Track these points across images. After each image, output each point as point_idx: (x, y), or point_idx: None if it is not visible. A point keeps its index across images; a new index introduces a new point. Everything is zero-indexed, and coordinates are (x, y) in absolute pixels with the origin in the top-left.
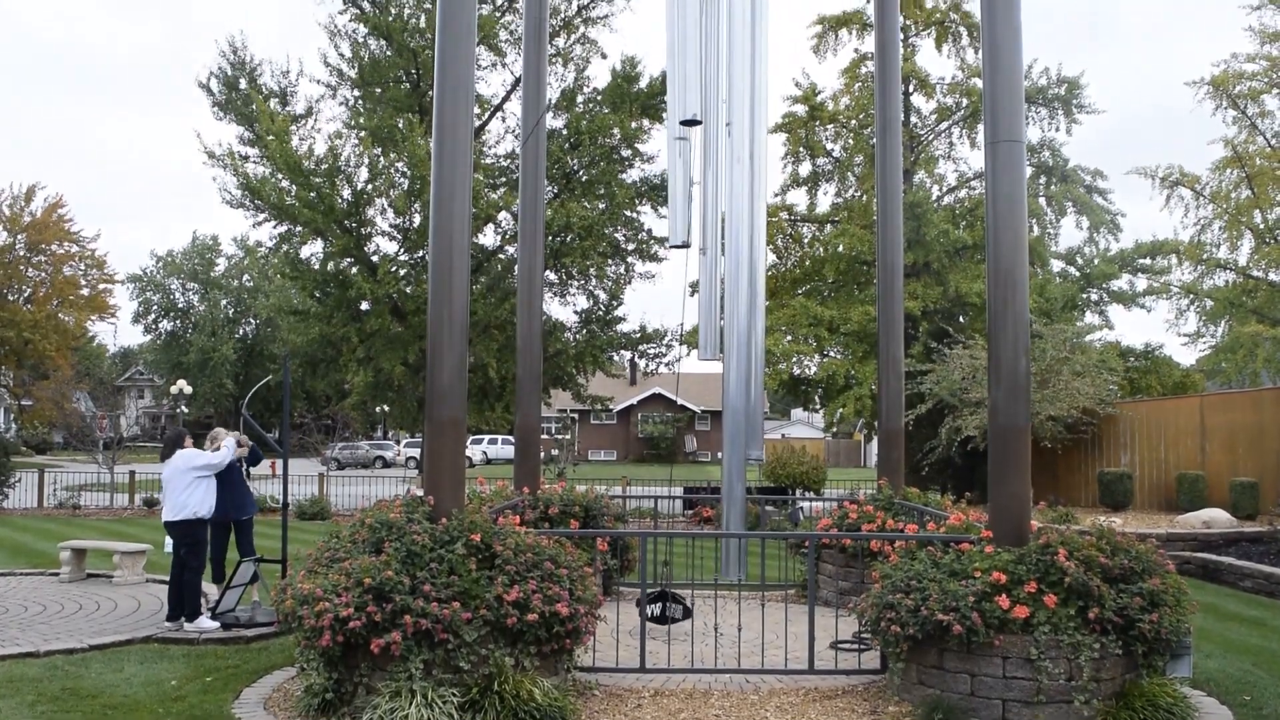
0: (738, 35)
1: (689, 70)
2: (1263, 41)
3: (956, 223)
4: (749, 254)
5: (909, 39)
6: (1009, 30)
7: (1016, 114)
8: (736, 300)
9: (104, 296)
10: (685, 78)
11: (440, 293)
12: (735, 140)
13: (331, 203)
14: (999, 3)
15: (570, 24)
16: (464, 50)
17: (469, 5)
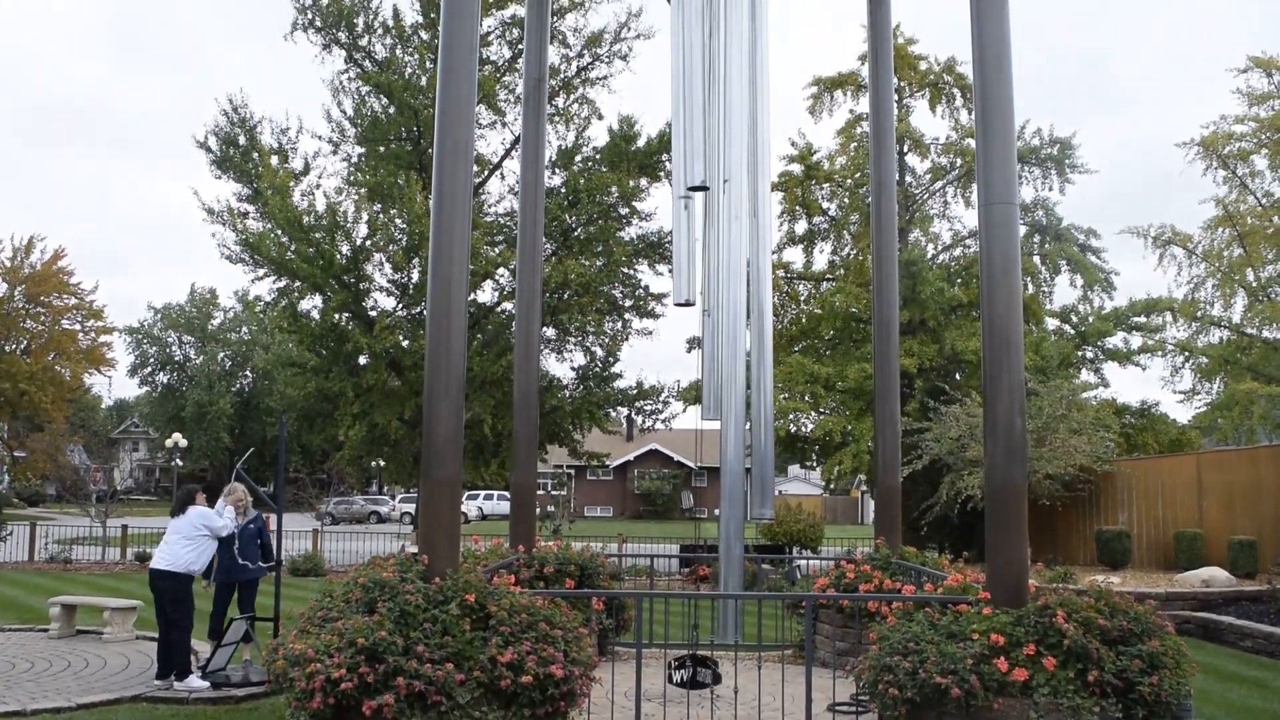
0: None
1: (695, 135)
2: (1250, 103)
3: (952, 281)
4: (757, 310)
5: (903, 100)
6: (1001, 95)
7: (1009, 177)
8: (736, 358)
9: (101, 349)
10: (691, 143)
11: (437, 349)
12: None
13: (330, 258)
14: (990, 68)
15: (569, 84)
16: (464, 112)
17: (469, 68)
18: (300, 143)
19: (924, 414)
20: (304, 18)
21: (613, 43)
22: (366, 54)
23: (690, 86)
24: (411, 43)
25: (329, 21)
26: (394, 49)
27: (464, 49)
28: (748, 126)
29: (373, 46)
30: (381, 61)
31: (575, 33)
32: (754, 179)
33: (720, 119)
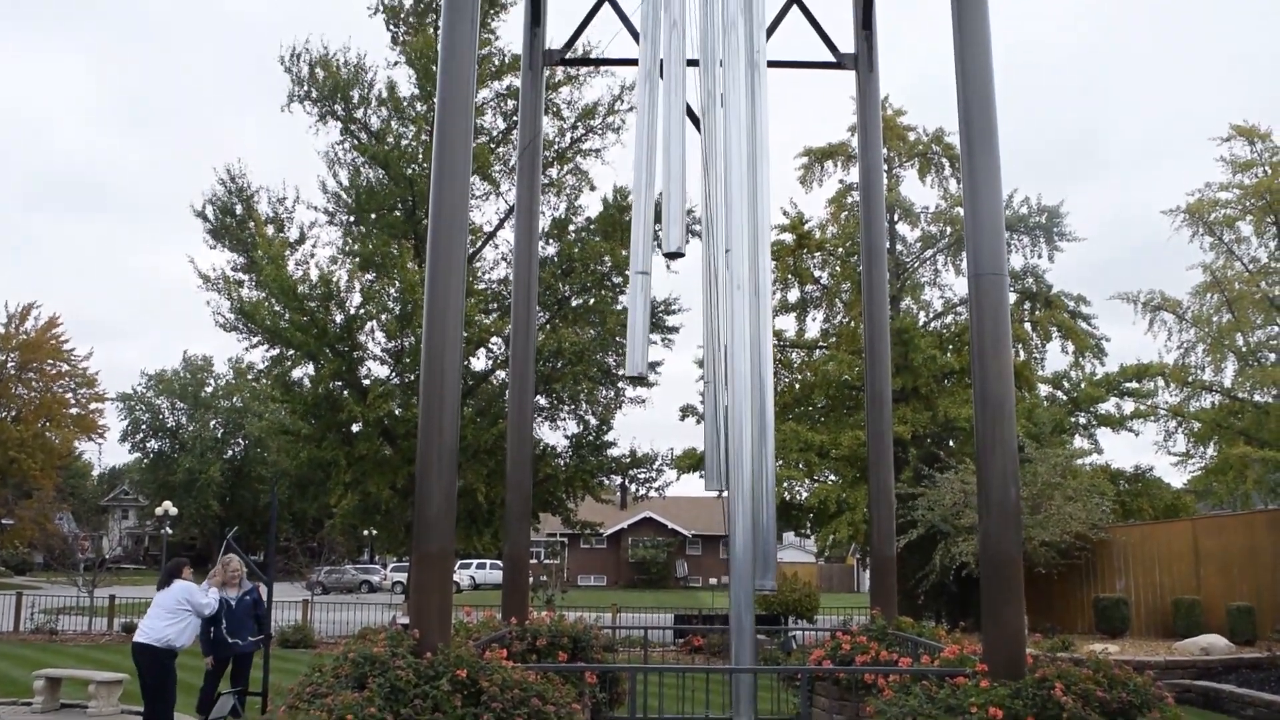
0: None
1: (675, 202)
2: (1234, 171)
3: (944, 348)
4: (758, 381)
5: (892, 170)
6: (988, 167)
7: (998, 248)
8: (743, 429)
9: (93, 416)
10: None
11: (430, 422)
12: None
13: (324, 326)
14: (978, 141)
15: (563, 155)
16: (459, 183)
17: (464, 139)
18: (296, 212)
19: (918, 481)
20: (300, 89)
21: (606, 115)
22: (362, 126)
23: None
24: (407, 115)
25: (325, 94)
26: (389, 121)
27: (459, 121)
28: (748, 197)
29: (368, 118)
30: (377, 133)
31: (569, 105)
32: (755, 249)
33: (721, 190)
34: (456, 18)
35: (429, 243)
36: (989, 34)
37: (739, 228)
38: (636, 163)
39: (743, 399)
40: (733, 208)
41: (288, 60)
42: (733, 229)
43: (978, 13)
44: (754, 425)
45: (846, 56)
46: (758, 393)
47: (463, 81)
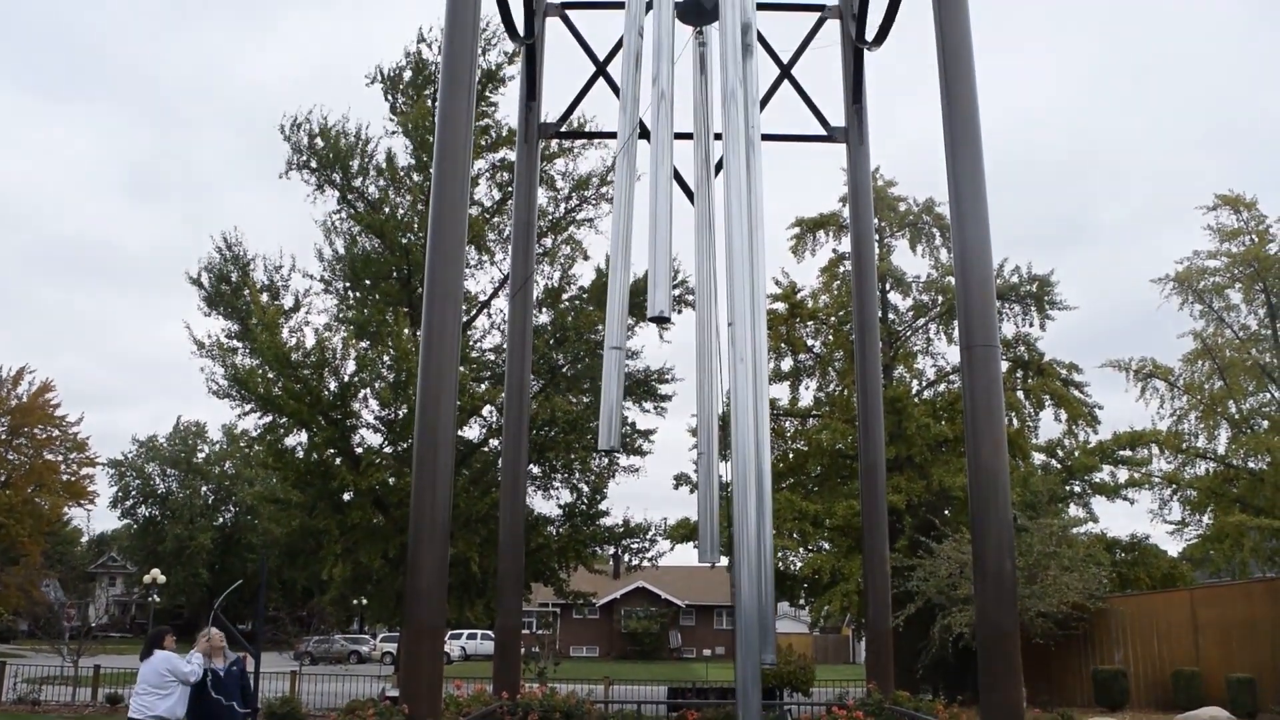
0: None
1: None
2: (1221, 239)
3: (937, 417)
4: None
5: (884, 239)
6: (978, 240)
7: (990, 320)
8: (748, 500)
9: (83, 481)
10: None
11: (423, 491)
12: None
13: (318, 395)
14: (968, 215)
15: (557, 225)
16: (454, 254)
17: (460, 211)
18: (292, 280)
19: (913, 551)
20: (299, 158)
21: (600, 185)
22: (360, 195)
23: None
24: (404, 184)
25: (324, 162)
26: (386, 190)
27: (455, 193)
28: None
29: (366, 187)
30: (374, 202)
31: (564, 176)
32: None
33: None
34: (454, 92)
35: (424, 311)
36: (977, 110)
37: (742, 301)
38: (613, 238)
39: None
40: (734, 281)
41: (288, 129)
42: (736, 303)
43: (965, 89)
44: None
45: (837, 130)
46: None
47: (459, 154)
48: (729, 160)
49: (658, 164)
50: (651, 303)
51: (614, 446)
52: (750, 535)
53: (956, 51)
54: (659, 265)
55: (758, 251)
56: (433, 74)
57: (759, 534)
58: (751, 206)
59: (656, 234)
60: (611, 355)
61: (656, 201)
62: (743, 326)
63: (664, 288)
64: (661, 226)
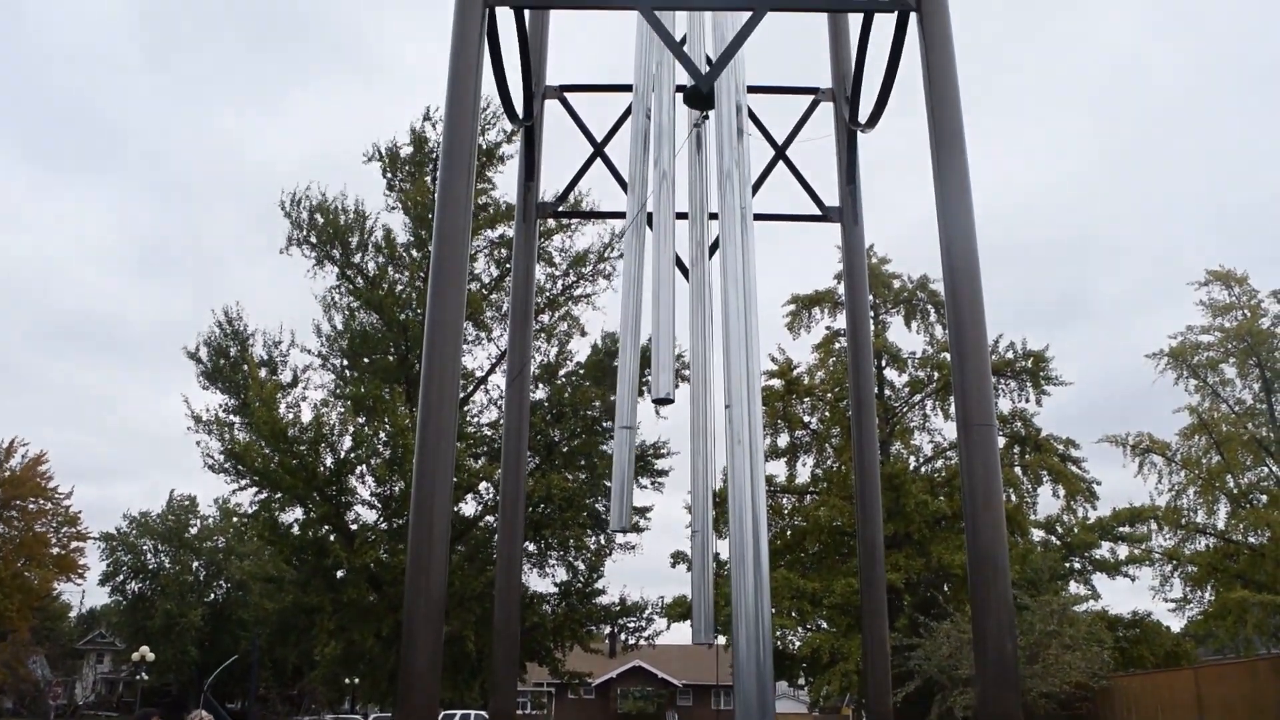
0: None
1: (664, 351)
2: (1214, 315)
3: (935, 493)
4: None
5: (879, 316)
6: (973, 321)
7: (986, 399)
8: (745, 578)
9: (74, 556)
10: (661, 359)
11: (418, 569)
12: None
13: (314, 470)
14: (963, 295)
15: (555, 301)
16: (451, 331)
17: (458, 288)
18: (291, 356)
19: (914, 630)
20: (299, 233)
21: (597, 261)
22: (358, 270)
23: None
24: (402, 261)
25: (323, 239)
26: (385, 267)
27: (454, 271)
28: (744, 351)
29: (365, 264)
30: (372, 278)
31: (561, 252)
32: (748, 401)
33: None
34: (454, 171)
35: (421, 388)
36: (969, 191)
37: (738, 383)
38: (623, 317)
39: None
40: (730, 363)
41: (288, 205)
42: (732, 384)
43: (957, 170)
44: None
45: (832, 210)
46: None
47: (458, 234)
48: (724, 241)
49: (660, 247)
50: (656, 385)
51: (625, 527)
52: (749, 615)
53: (948, 133)
54: (662, 348)
55: (752, 332)
56: (432, 152)
57: (758, 614)
58: (746, 287)
59: (659, 317)
60: (623, 435)
61: (659, 285)
62: (739, 408)
63: (667, 370)
64: (664, 309)
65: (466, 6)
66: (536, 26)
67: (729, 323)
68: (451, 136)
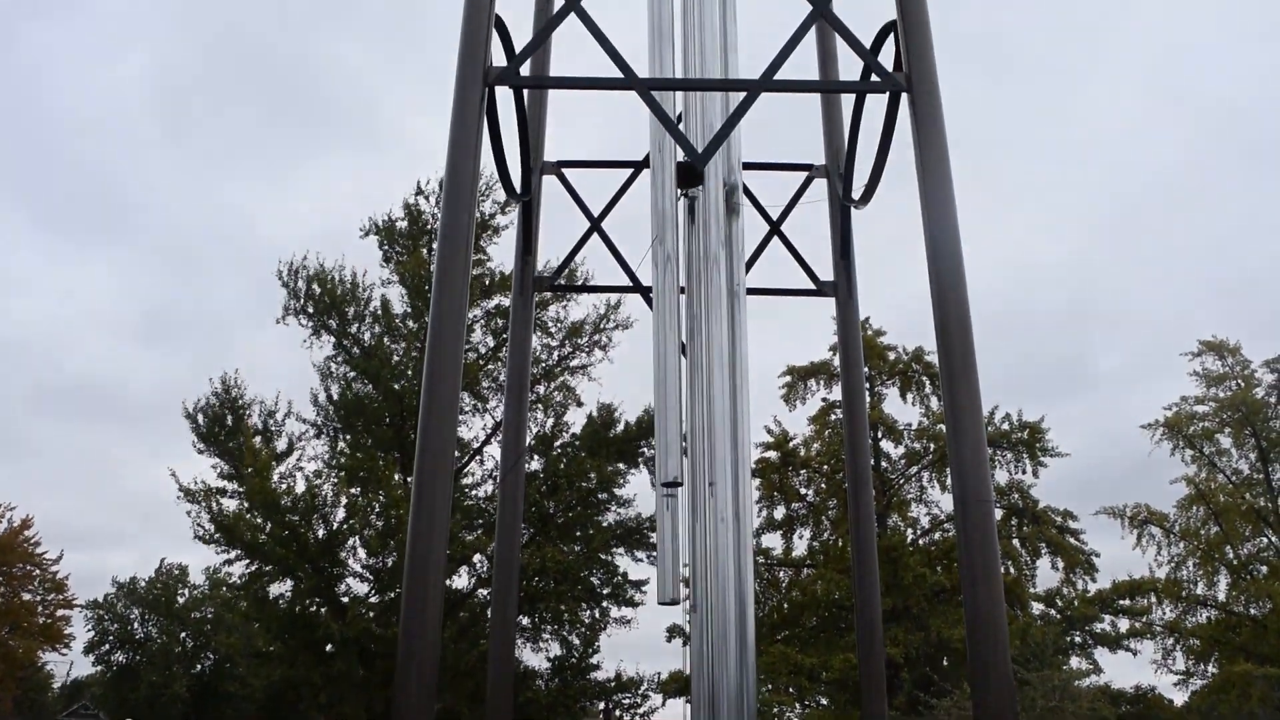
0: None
1: (670, 433)
2: (1208, 385)
3: (933, 565)
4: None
5: (875, 388)
6: (969, 396)
7: (983, 475)
8: (726, 661)
9: (60, 624)
10: (668, 440)
11: (410, 643)
12: (726, 501)
13: (305, 542)
14: (958, 370)
15: (550, 372)
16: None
17: (454, 361)
18: (287, 425)
19: (913, 707)
20: (296, 303)
21: (593, 333)
22: (355, 341)
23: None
24: (399, 331)
25: (320, 308)
26: (382, 337)
27: (450, 343)
28: (730, 428)
29: (361, 334)
30: (368, 348)
31: (557, 323)
32: (737, 478)
33: (704, 422)
34: (452, 246)
35: (416, 459)
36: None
37: (722, 459)
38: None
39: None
40: (716, 439)
41: (285, 275)
42: (716, 461)
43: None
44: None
45: (826, 284)
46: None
47: (454, 306)
48: (713, 319)
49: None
50: (663, 469)
51: (675, 598)
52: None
53: (940, 210)
54: (669, 430)
55: (741, 410)
56: (428, 224)
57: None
58: (735, 364)
59: (666, 399)
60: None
61: (665, 367)
62: (724, 486)
63: (674, 454)
64: (671, 392)
65: (467, 85)
66: (535, 103)
67: (716, 400)
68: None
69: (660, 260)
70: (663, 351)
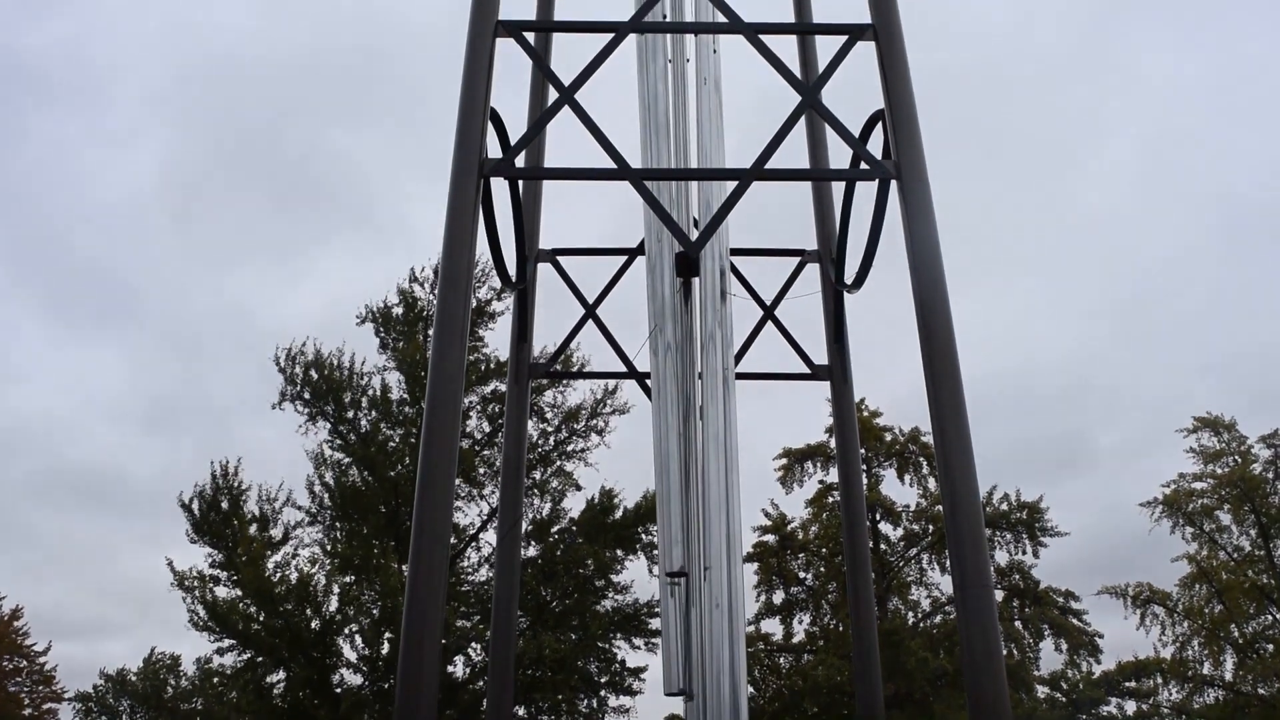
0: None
1: (674, 523)
2: (1205, 461)
3: (935, 649)
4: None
5: (872, 469)
6: (965, 481)
7: (982, 563)
8: None
9: (46, 718)
10: (671, 531)
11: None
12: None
13: (299, 630)
14: (954, 458)
15: (547, 458)
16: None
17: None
18: (283, 513)
19: None
20: (292, 389)
21: (589, 418)
22: (351, 427)
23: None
24: (396, 418)
25: (317, 395)
26: (378, 423)
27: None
28: (724, 513)
29: (358, 420)
30: (364, 435)
31: (553, 408)
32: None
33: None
34: (447, 334)
35: (411, 546)
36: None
37: (717, 544)
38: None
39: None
40: (710, 524)
41: (283, 361)
42: (711, 546)
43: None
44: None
45: (821, 368)
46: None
47: (450, 394)
48: (706, 403)
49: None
50: (668, 560)
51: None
52: None
53: (931, 296)
54: (672, 521)
55: (733, 495)
56: (423, 311)
57: None
58: (728, 448)
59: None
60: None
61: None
62: (718, 570)
63: (677, 543)
64: (674, 483)
65: (462, 176)
66: (530, 192)
67: (710, 485)
68: (446, 301)
69: (661, 349)
70: (664, 438)
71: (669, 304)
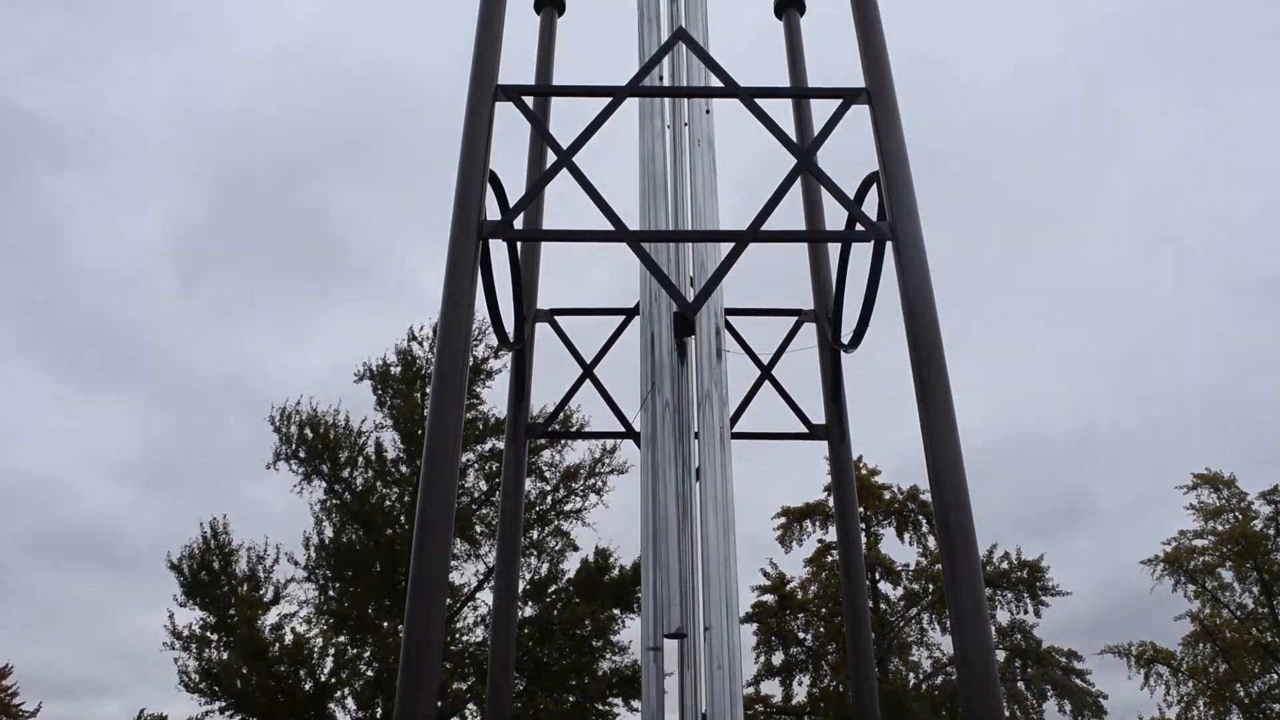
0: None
1: (673, 583)
2: (1205, 518)
3: (937, 711)
4: None
5: (871, 528)
6: (965, 542)
7: (982, 621)
8: None
9: None
10: (668, 589)
11: None
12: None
13: (293, 692)
14: (954, 523)
15: (544, 517)
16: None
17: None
18: (275, 571)
19: None
20: (287, 448)
21: (588, 477)
22: (347, 486)
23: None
24: (391, 476)
25: (312, 453)
26: (374, 482)
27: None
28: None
29: (354, 479)
30: (360, 493)
31: (551, 467)
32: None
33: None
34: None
35: (406, 606)
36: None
37: (717, 604)
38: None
39: None
40: (711, 584)
41: (278, 420)
42: (711, 606)
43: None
44: None
45: (818, 428)
46: None
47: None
48: (703, 463)
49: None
50: (668, 619)
51: None
52: None
53: (928, 357)
54: (671, 580)
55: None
56: (422, 369)
57: None
58: (726, 508)
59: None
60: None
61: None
62: (719, 630)
63: (677, 604)
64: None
65: (461, 238)
66: (528, 253)
67: (709, 544)
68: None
69: (659, 408)
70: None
71: (667, 364)
